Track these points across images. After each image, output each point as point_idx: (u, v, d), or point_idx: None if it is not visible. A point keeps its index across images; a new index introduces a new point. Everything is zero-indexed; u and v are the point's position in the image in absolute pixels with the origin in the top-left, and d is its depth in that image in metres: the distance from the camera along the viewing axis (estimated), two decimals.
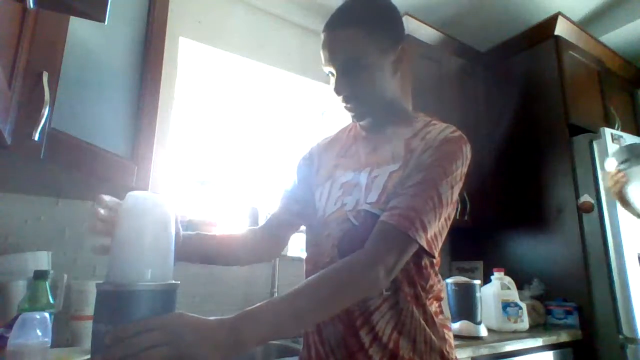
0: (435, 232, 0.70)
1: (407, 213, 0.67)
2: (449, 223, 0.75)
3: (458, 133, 0.77)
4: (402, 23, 0.83)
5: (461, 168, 0.74)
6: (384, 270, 0.63)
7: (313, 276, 0.63)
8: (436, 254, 0.72)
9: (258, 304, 0.57)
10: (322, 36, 0.79)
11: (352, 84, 0.77)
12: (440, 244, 0.73)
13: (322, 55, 0.79)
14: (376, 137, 0.84)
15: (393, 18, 0.81)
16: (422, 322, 0.72)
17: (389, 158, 0.78)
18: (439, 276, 0.80)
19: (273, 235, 0.93)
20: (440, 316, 0.78)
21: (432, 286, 0.76)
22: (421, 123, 0.81)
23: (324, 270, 0.64)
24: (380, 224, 0.68)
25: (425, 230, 0.67)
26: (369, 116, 0.82)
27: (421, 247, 0.67)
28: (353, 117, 0.82)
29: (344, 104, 0.80)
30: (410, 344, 0.70)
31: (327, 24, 0.79)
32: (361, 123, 0.86)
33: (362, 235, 0.70)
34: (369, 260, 0.64)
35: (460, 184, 0.74)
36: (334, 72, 0.78)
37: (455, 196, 0.73)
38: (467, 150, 0.76)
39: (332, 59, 0.77)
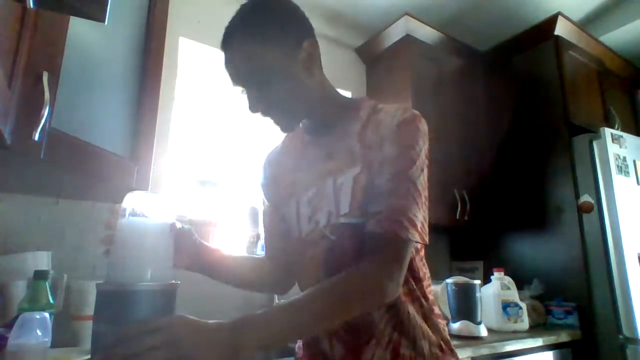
0: (422, 219, 0.69)
1: (392, 215, 0.65)
2: (427, 202, 0.73)
3: (410, 112, 0.73)
4: (301, 18, 0.77)
5: (424, 147, 0.71)
6: (391, 282, 0.63)
7: (318, 287, 0.63)
8: (426, 238, 0.71)
9: (260, 311, 0.57)
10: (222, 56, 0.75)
11: (264, 97, 0.73)
12: (427, 227, 0.72)
13: (227, 75, 0.75)
14: (325, 139, 0.79)
15: (288, 18, 0.75)
16: (419, 318, 0.72)
17: (347, 161, 0.74)
18: (423, 258, 0.78)
19: (282, 266, 0.89)
20: (431, 298, 0.77)
21: (424, 274, 0.76)
22: (366, 110, 0.77)
23: (330, 282, 0.63)
24: (369, 235, 0.67)
25: (414, 225, 0.66)
26: (296, 123, 0.78)
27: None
28: (282, 129, 0.77)
29: (267, 118, 0.76)
30: (410, 343, 0.70)
31: (222, 44, 0.74)
32: (300, 126, 0.83)
33: (343, 249, 0.69)
34: (373, 275, 0.63)
35: (427, 162, 0.72)
36: (243, 89, 0.75)
37: (426, 176, 0.72)
38: (424, 127, 0.73)
39: (236, 79, 0.74)
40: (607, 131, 1.85)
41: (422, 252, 0.79)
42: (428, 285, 0.77)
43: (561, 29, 2.08)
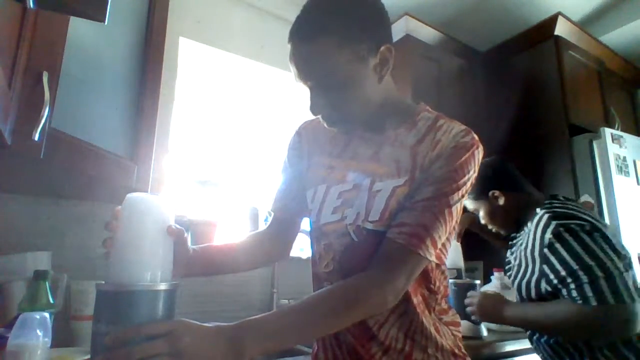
0: (444, 240, 0.69)
1: (418, 231, 0.64)
2: (456, 226, 0.73)
3: (469, 137, 0.70)
4: (384, 19, 0.71)
5: (472, 175, 0.70)
6: (393, 293, 0.63)
7: (319, 292, 0.63)
8: (445, 259, 0.71)
9: (261, 315, 0.57)
10: (288, 46, 0.68)
11: (328, 104, 0.69)
12: (448, 247, 0.72)
13: (291, 68, 0.69)
14: (376, 138, 0.76)
15: (370, 17, 0.68)
16: (432, 329, 0.72)
17: (393, 169, 0.71)
18: (444, 272, 0.78)
19: (278, 238, 0.89)
20: (450, 312, 0.78)
21: (439, 287, 0.76)
22: (425, 122, 0.73)
23: (331, 287, 0.64)
24: (388, 241, 0.66)
25: (435, 245, 0.66)
26: (347, 126, 0.75)
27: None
28: (328, 125, 0.74)
29: (324, 122, 0.73)
30: (422, 354, 0.70)
31: (291, 33, 0.67)
32: None
33: (363, 253, 0.69)
34: (377, 281, 0.63)
35: (470, 188, 0.71)
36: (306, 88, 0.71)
37: (464, 200, 0.71)
38: (479, 154, 0.70)
39: (301, 76, 0.68)
40: (607, 131, 1.85)
41: (444, 266, 0.77)
42: (443, 295, 0.77)
43: (561, 29, 2.08)
